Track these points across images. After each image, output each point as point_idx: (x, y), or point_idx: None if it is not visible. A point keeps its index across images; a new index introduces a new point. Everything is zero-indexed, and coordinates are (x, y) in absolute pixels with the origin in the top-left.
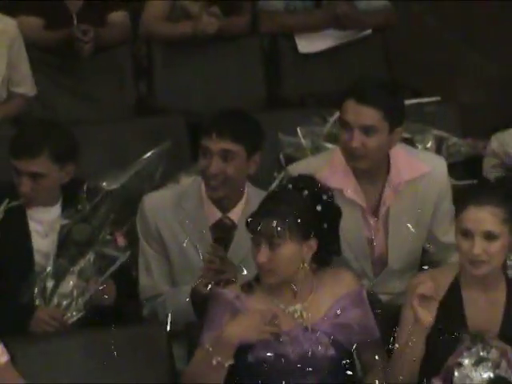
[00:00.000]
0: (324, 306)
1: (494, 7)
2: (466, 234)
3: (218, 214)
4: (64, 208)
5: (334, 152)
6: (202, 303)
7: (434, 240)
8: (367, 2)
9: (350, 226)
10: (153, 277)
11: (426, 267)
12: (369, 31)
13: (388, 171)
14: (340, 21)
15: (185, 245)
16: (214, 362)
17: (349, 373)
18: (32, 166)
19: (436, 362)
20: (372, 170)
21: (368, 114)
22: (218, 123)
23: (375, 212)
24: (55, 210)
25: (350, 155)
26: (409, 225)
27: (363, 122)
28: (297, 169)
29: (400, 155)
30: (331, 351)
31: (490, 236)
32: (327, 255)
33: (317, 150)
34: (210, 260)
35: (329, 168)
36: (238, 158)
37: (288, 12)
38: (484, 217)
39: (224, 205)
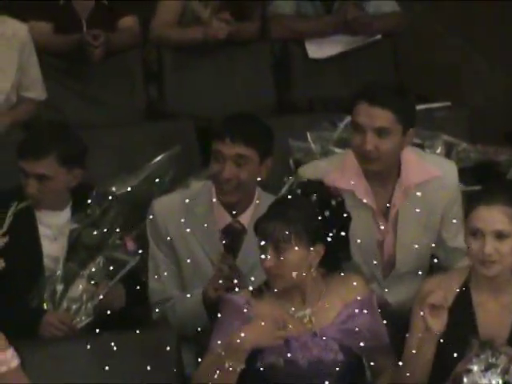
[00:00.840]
0: (333, 312)
1: (495, 8)
2: (476, 233)
3: (228, 219)
4: (73, 212)
5: (346, 155)
6: (211, 308)
7: (442, 244)
8: (377, 6)
9: (360, 228)
10: (162, 281)
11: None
12: (379, 36)
13: (399, 174)
14: (350, 26)
15: (195, 249)
16: (227, 367)
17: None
18: (38, 168)
19: (445, 368)
20: (384, 173)
21: (381, 116)
22: (231, 127)
23: (385, 214)
24: (65, 215)
25: (363, 158)
26: (416, 227)
27: (376, 124)
28: (308, 171)
29: (411, 158)
30: (340, 356)
31: (501, 235)
32: (336, 260)
33: (326, 155)
34: (219, 268)
35: (340, 170)
36: (251, 162)
37: (298, 17)
38: (495, 216)
39: (234, 209)
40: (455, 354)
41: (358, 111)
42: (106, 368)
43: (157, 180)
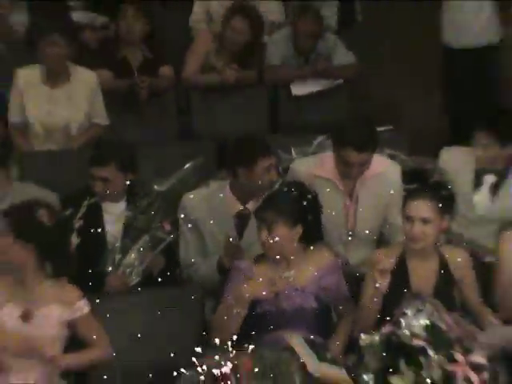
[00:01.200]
0: (310, 273)
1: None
2: (408, 219)
3: (239, 206)
4: (127, 203)
5: (325, 156)
6: (222, 271)
7: (387, 222)
8: (339, 59)
9: (333, 203)
10: (189, 252)
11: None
12: (341, 80)
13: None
14: (321, 74)
15: (213, 229)
16: (234, 312)
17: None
18: (103, 173)
19: (388, 313)
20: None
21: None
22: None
23: (350, 195)
24: (121, 205)
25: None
26: (370, 206)
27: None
28: (300, 164)
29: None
30: (315, 305)
31: (425, 221)
32: (311, 238)
33: None
34: (226, 245)
35: (321, 165)
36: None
37: (284, 67)
38: (421, 207)
39: (244, 200)
40: (395, 303)
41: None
42: (151, 315)
43: (185, 181)
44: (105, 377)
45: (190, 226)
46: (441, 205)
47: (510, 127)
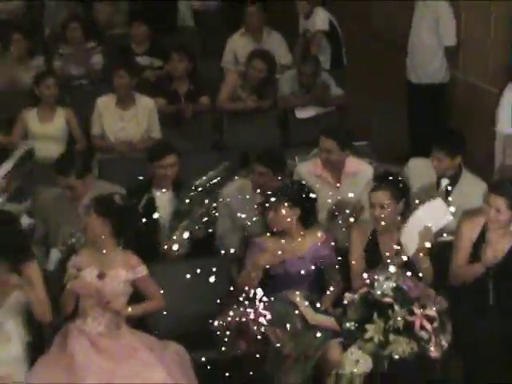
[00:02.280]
0: (308, 246)
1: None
2: (371, 205)
3: (260, 198)
4: (174, 195)
5: (318, 161)
6: (246, 244)
7: (360, 206)
8: (333, 91)
9: (324, 192)
10: (224, 230)
11: None
12: (333, 108)
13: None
14: (320, 102)
15: (241, 214)
16: (252, 276)
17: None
18: (168, 160)
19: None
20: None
21: None
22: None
23: (337, 187)
24: (169, 194)
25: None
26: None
27: None
28: (301, 167)
29: (350, 161)
30: (312, 270)
31: (383, 206)
32: (308, 221)
33: None
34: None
35: (315, 167)
36: None
37: (292, 96)
38: (379, 196)
39: (262, 191)
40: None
41: None
42: (195, 279)
43: (217, 179)
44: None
45: (224, 211)
46: (395, 193)
47: (456, 144)
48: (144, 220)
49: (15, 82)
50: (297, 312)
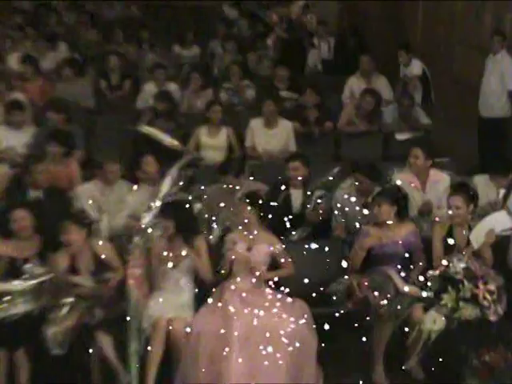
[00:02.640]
0: (402, 233)
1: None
2: (449, 206)
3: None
4: (303, 191)
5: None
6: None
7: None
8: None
9: (415, 195)
10: (337, 221)
11: None
12: (422, 132)
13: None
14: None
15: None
16: (359, 254)
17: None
18: (295, 164)
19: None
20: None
21: None
22: None
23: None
24: (299, 191)
25: None
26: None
27: None
28: (399, 174)
29: (433, 172)
30: (404, 252)
31: (457, 207)
32: (402, 215)
33: None
34: None
35: (408, 175)
36: None
37: (391, 125)
38: (456, 199)
39: (363, 195)
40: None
41: None
42: (314, 253)
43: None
44: (287, 289)
45: (336, 208)
46: (467, 198)
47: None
48: (283, 208)
49: (192, 107)
50: (391, 283)
